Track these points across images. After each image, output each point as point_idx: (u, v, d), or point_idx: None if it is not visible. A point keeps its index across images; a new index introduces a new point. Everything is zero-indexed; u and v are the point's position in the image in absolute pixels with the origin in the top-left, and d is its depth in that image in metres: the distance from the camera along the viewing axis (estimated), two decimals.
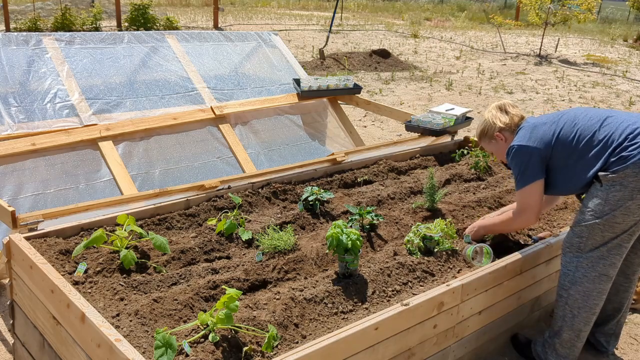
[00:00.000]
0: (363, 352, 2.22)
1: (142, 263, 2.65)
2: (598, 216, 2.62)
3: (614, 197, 2.58)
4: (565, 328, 2.79)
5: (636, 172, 2.52)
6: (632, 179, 2.53)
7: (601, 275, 2.68)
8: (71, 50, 4.26)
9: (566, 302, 2.76)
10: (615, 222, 2.60)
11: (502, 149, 2.98)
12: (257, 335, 2.17)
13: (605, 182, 2.60)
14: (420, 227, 2.93)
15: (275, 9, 22.75)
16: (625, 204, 2.56)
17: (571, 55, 14.98)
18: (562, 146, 2.72)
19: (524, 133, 2.82)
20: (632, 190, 2.54)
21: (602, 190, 2.61)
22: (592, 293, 2.70)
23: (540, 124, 2.81)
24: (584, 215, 2.68)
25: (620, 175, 2.55)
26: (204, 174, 4.31)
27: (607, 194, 2.59)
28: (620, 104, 9.69)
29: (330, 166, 3.88)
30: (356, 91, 5.30)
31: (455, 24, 21.10)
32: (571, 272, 2.73)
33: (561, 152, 2.72)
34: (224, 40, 5.17)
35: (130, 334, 2.12)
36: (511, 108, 3.00)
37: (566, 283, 2.76)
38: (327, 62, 11.71)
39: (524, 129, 2.85)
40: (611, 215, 2.59)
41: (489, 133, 3.00)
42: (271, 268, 2.70)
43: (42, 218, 2.78)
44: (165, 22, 13.48)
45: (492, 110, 3.04)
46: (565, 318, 2.78)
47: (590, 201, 2.66)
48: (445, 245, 2.90)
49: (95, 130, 3.88)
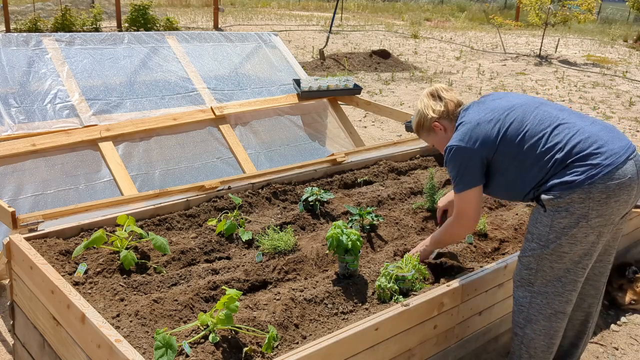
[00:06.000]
0: (363, 353, 2.21)
1: (142, 264, 2.65)
2: (544, 244, 2.38)
3: (560, 224, 2.33)
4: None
5: (583, 197, 2.27)
6: (579, 205, 2.28)
7: (557, 313, 2.47)
8: (71, 51, 4.26)
9: (521, 341, 2.56)
10: (563, 251, 2.36)
11: (443, 140, 2.67)
12: (257, 336, 2.17)
13: (550, 207, 2.34)
14: (390, 268, 2.57)
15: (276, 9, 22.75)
16: (571, 232, 2.32)
17: (571, 56, 14.98)
18: (505, 149, 2.43)
19: (465, 131, 2.49)
20: (579, 217, 2.29)
21: (547, 216, 2.36)
22: (549, 332, 2.50)
23: (483, 122, 2.47)
24: (530, 243, 2.45)
25: (566, 200, 2.29)
26: (204, 175, 4.31)
27: (552, 220, 2.34)
28: (621, 104, 9.69)
29: (330, 167, 3.88)
30: (356, 92, 5.30)
31: (455, 25, 21.10)
32: (525, 308, 2.51)
33: (503, 156, 2.44)
34: (224, 40, 5.17)
35: (130, 334, 2.12)
36: (445, 92, 2.67)
37: (521, 320, 2.53)
38: (327, 63, 11.72)
39: (465, 126, 2.51)
40: (557, 244, 2.35)
41: (426, 125, 2.68)
42: (271, 268, 2.70)
43: (42, 219, 2.78)
44: (166, 23, 13.49)
45: (423, 99, 2.70)
46: (521, 359, 2.58)
47: (535, 227, 2.43)
48: (417, 286, 2.57)
49: (96, 130, 3.88)
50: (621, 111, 9.23)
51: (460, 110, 2.64)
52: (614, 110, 9.22)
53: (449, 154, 2.51)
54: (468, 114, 2.57)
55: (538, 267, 2.43)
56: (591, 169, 2.26)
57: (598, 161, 2.27)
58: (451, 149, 2.50)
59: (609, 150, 2.30)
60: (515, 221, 3.36)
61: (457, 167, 2.50)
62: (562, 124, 2.39)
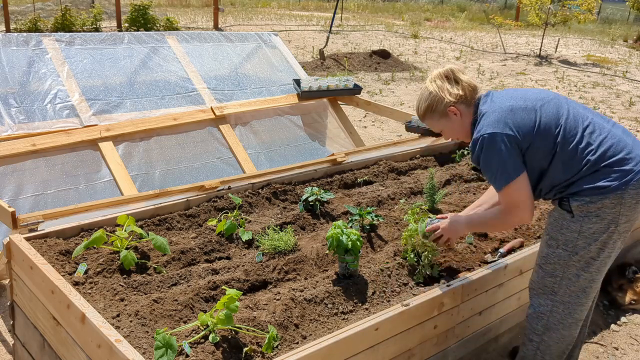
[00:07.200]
0: (363, 353, 2.22)
1: (142, 264, 2.65)
2: (571, 251, 2.31)
3: (589, 230, 2.27)
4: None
5: (614, 203, 2.23)
6: (610, 210, 2.24)
7: (578, 321, 2.46)
8: (71, 51, 4.26)
9: (537, 347, 2.52)
10: (591, 257, 2.31)
11: (457, 126, 2.43)
12: (257, 336, 2.17)
13: (578, 213, 2.27)
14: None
15: (276, 9, 22.74)
16: (601, 237, 2.27)
17: (571, 56, 14.98)
18: (539, 142, 2.26)
19: (497, 117, 2.26)
20: (609, 222, 2.25)
21: (575, 222, 2.29)
22: (567, 339, 2.49)
23: (518, 109, 2.27)
24: (555, 250, 2.36)
25: (597, 205, 2.24)
26: (204, 175, 4.32)
27: (581, 225, 2.28)
28: (621, 104, 9.69)
29: (330, 167, 3.88)
30: (356, 92, 5.30)
31: (455, 25, 21.10)
32: (545, 316, 2.46)
33: (536, 149, 2.28)
34: (224, 40, 5.17)
35: (130, 334, 2.12)
36: (461, 75, 2.42)
37: (539, 328, 2.49)
38: (327, 63, 11.72)
39: (495, 113, 2.28)
40: (586, 250, 2.29)
41: (439, 109, 2.41)
42: (271, 268, 2.70)
43: (42, 219, 2.78)
44: (165, 23, 13.48)
45: (436, 80, 2.42)
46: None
47: (560, 234, 2.33)
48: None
49: (96, 130, 3.88)
50: (621, 111, 9.23)
51: (478, 96, 2.42)
52: (614, 110, 9.22)
53: (483, 144, 2.25)
54: (493, 101, 2.36)
55: (564, 274, 2.37)
56: (625, 175, 2.24)
57: (630, 167, 2.25)
58: (485, 138, 2.24)
59: (637, 155, 2.29)
60: None
61: (496, 156, 2.23)
62: (591, 124, 2.31)
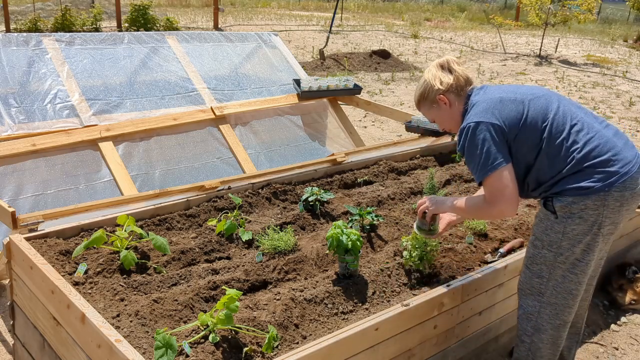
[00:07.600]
0: (363, 353, 2.22)
1: (142, 264, 2.65)
2: (556, 252, 2.31)
3: (573, 231, 2.27)
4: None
5: (597, 204, 2.22)
6: (593, 212, 2.23)
7: (565, 323, 2.48)
8: (71, 51, 4.26)
9: (529, 348, 2.54)
10: (576, 259, 2.31)
11: (446, 115, 2.46)
12: (257, 336, 2.17)
13: (562, 214, 2.27)
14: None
15: (276, 9, 22.74)
16: (585, 239, 2.27)
17: (571, 56, 14.98)
18: (524, 136, 2.25)
19: (486, 107, 2.27)
20: (592, 224, 2.24)
21: (558, 223, 2.29)
22: (556, 340, 2.50)
23: (507, 100, 2.28)
24: (540, 250, 2.37)
25: (580, 206, 2.23)
26: (204, 175, 4.32)
27: (565, 226, 2.27)
28: (621, 104, 9.69)
29: (330, 167, 3.88)
30: (356, 92, 5.30)
31: (455, 25, 21.10)
32: (533, 317, 2.48)
33: (521, 143, 2.26)
34: (224, 40, 5.17)
35: (130, 334, 2.12)
36: (456, 65, 2.46)
37: (529, 329, 2.51)
38: (327, 63, 11.72)
39: (484, 103, 2.30)
40: (570, 252, 2.30)
41: (430, 96, 2.45)
42: (271, 268, 2.70)
43: (42, 219, 2.78)
44: (165, 23, 13.48)
45: (432, 69, 2.48)
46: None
47: (545, 234, 2.34)
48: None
49: (96, 130, 3.88)
50: (621, 111, 9.23)
51: (471, 88, 2.45)
52: (614, 110, 9.22)
53: (468, 133, 2.25)
54: (485, 92, 2.38)
55: (550, 275, 2.38)
56: (609, 176, 2.22)
57: (615, 169, 2.22)
58: (470, 127, 2.25)
59: (624, 158, 2.26)
60: (515, 221, 3.35)
61: (479, 145, 2.22)
62: (579, 122, 2.29)
